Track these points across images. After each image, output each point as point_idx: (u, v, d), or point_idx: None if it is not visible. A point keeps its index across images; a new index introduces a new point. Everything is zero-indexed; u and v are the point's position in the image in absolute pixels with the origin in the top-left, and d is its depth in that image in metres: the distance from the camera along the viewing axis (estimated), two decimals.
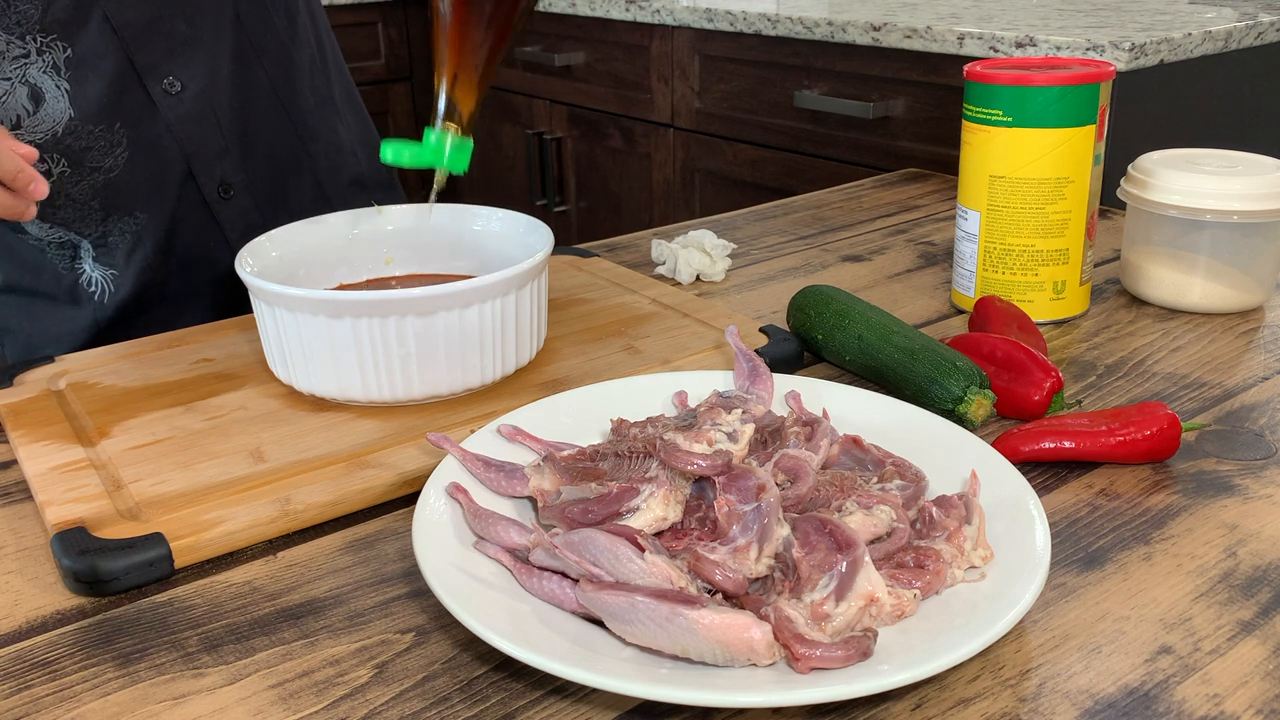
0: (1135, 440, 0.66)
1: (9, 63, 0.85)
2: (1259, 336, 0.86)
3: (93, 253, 0.96)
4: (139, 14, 0.90)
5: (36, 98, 0.86)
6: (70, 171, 0.90)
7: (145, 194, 0.95)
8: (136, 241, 0.96)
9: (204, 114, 0.96)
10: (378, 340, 0.70)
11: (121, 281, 0.97)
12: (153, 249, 0.97)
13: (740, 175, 2.00)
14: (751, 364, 0.70)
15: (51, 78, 0.86)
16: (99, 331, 1.00)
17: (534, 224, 0.82)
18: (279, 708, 0.49)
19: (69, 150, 0.89)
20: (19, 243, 0.97)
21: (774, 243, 1.12)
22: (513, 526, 0.55)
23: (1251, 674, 0.50)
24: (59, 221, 0.93)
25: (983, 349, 0.75)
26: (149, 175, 0.94)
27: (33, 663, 0.52)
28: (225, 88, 0.97)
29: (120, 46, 0.89)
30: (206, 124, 0.96)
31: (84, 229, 0.95)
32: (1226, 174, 0.87)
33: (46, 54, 0.86)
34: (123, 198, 0.94)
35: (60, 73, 0.87)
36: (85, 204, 0.92)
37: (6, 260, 1.00)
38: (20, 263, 0.99)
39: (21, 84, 0.85)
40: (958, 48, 1.54)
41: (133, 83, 0.91)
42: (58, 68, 0.86)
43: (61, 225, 0.94)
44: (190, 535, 0.59)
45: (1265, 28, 1.61)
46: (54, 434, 0.70)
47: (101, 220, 0.94)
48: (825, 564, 0.50)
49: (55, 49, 0.86)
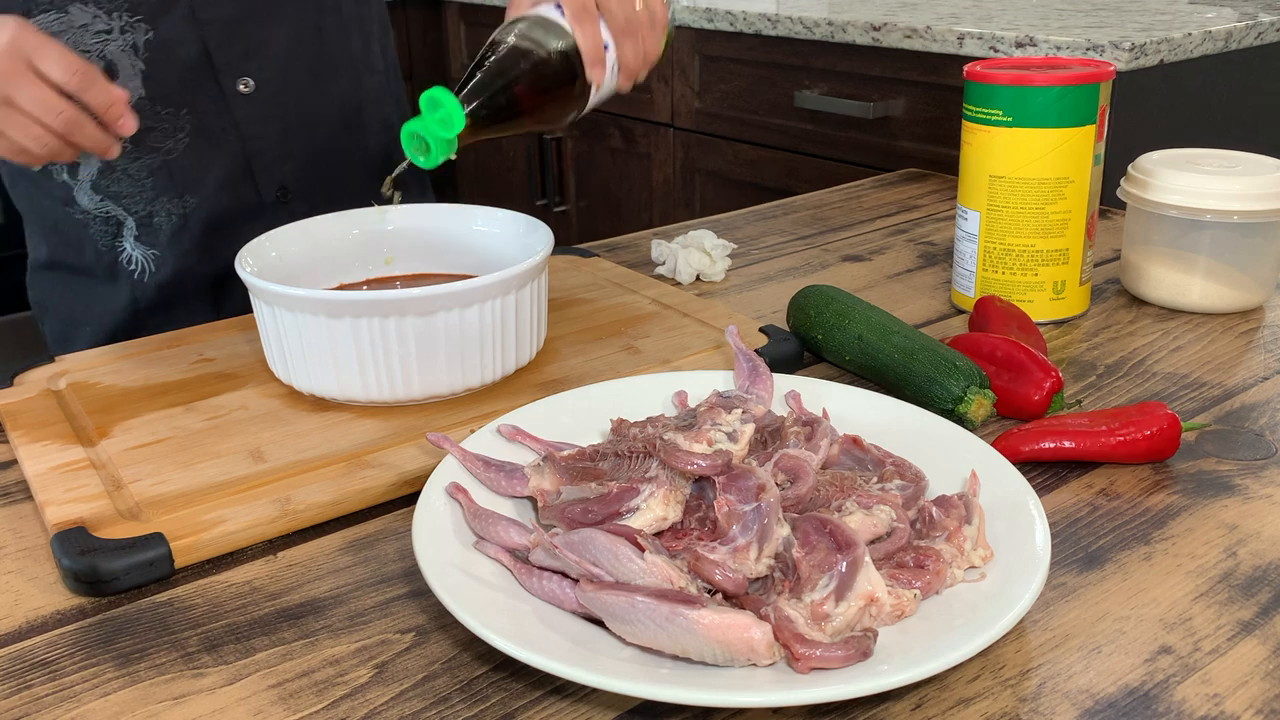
0: (1135, 440, 0.66)
1: (91, 36, 0.87)
2: (1259, 336, 0.86)
3: (135, 231, 0.97)
4: (225, 11, 0.93)
5: (111, 72, 0.88)
6: (131, 148, 0.93)
7: (200, 181, 0.96)
8: (183, 225, 0.97)
9: (272, 117, 0.98)
10: (378, 340, 0.70)
11: (163, 262, 0.98)
12: (199, 235, 0.98)
13: (740, 175, 2.00)
14: (751, 364, 0.70)
15: (129, 56, 0.89)
16: (137, 312, 1.01)
17: (534, 224, 0.82)
18: (279, 708, 0.49)
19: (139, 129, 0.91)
20: (65, 216, 0.98)
21: (774, 243, 1.12)
22: (513, 526, 0.55)
23: (1251, 674, 0.50)
24: (110, 194, 0.95)
25: (983, 349, 0.75)
26: (207, 165, 0.96)
27: (33, 662, 0.52)
28: (297, 96, 0.99)
29: (201, 39, 0.92)
30: (273, 127, 0.98)
31: (132, 205, 0.96)
32: (1226, 174, 0.87)
33: (129, 33, 0.89)
34: (176, 180, 0.95)
35: (138, 52, 0.90)
36: (139, 180, 0.95)
37: (52, 234, 1.00)
38: (63, 238, 1.00)
39: (99, 58, 0.88)
40: (958, 48, 1.54)
41: (207, 76, 0.93)
42: (136, 47, 0.89)
43: (111, 199, 0.95)
44: (190, 535, 0.59)
45: (1265, 28, 1.61)
46: (54, 434, 0.70)
47: (151, 199, 0.96)
48: (825, 564, 0.50)
49: (138, 29, 0.89)
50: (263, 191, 1.00)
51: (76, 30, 0.87)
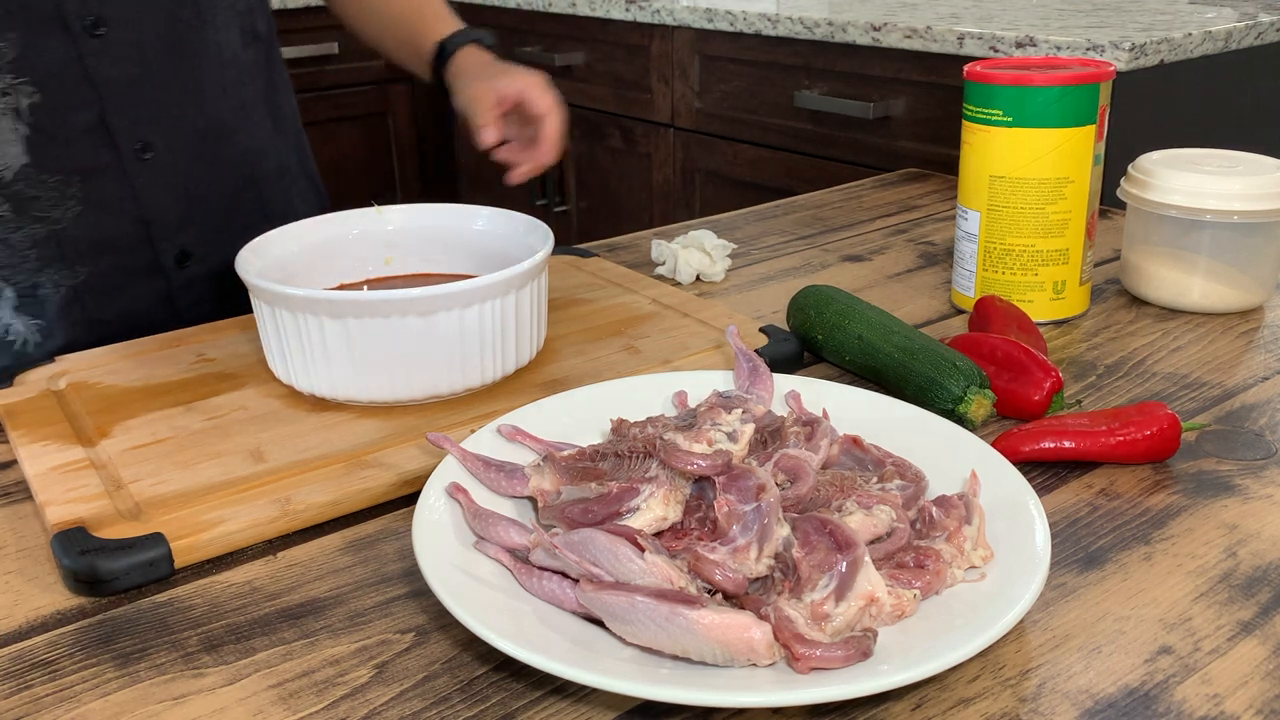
0: (1135, 440, 0.66)
1: None
2: (1259, 336, 0.86)
3: (15, 301, 0.89)
4: (124, 72, 0.87)
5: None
6: (12, 217, 0.86)
7: (93, 251, 0.90)
8: (74, 297, 0.91)
9: (173, 183, 0.93)
10: (378, 340, 0.70)
11: (51, 334, 0.91)
12: (93, 306, 0.92)
13: (740, 175, 2.00)
14: (751, 364, 0.70)
15: (9, 119, 0.83)
16: None
17: (534, 224, 0.82)
18: (279, 708, 0.49)
19: (15, 195, 0.86)
20: None
21: (774, 243, 1.12)
22: (513, 526, 0.55)
23: (1251, 674, 0.50)
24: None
25: (982, 349, 0.75)
26: (101, 233, 0.90)
27: (33, 662, 0.52)
28: (196, 158, 0.94)
29: (99, 101, 0.86)
30: (173, 193, 0.93)
31: (14, 276, 0.89)
32: (1226, 174, 0.87)
33: (10, 95, 0.83)
34: (65, 251, 0.89)
35: (21, 116, 0.84)
36: (21, 251, 0.87)
37: None
38: None
39: None
40: (958, 48, 1.54)
41: (103, 141, 0.88)
42: (19, 111, 0.83)
43: None
44: (190, 535, 0.59)
45: (1265, 28, 1.61)
46: (54, 434, 0.70)
47: (36, 271, 0.89)
48: (825, 564, 0.50)
49: (21, 91, 0.83)
50: (161, 257, 0.94)
51: None
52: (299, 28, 2.49)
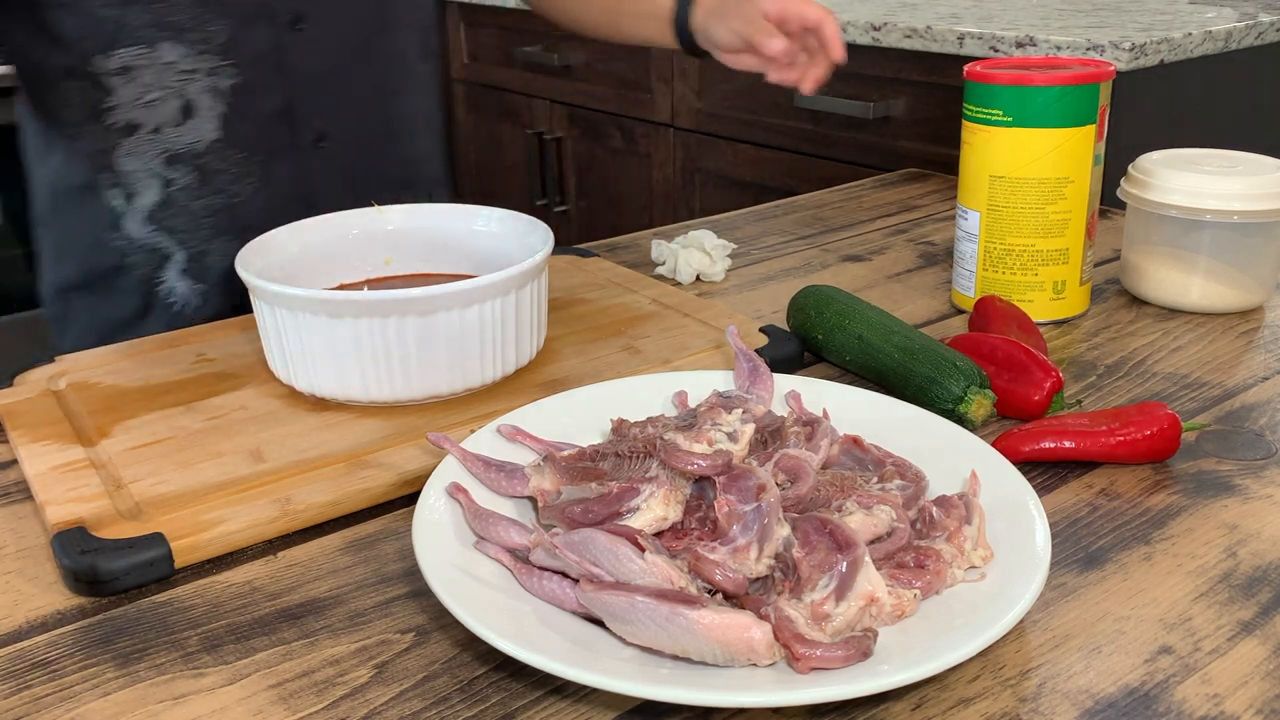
0: (1135, 440, 0.66)
1: (174, 74, 0.88)
2: (1259, 336, 0.86)
3: (183, 265, 0.96)
4: (312, 65, 0.95)
5: (187, 111, 0.90)
6: (196, 186, 0.93)
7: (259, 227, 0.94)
8: None
9: (340, 173, 1.00)
10: (378, 340, 0.70)
11: (208, 300, 0.98)
12: None
13: (740, 175, 2.00)
14: (751, 364, 0.70)
15: (209, 97, 0.90)
16: None
17: (534, 224, 0.82)
18: (279, 708, 0.49)
19: (203, 167, 0.93)
20: (101, 241, 0.96)
21: (774, 243, 1.12)
22: (513, 526, 0.55)
23: (1252, 674, 0.50)
24: (164, 227, 0.95)
25: (983, 349, 0.75)
26: (269, 212, 0.95)
27: (33, 662, 0.52)
28: (364, 155, 1.01)
29: (286, 91, 0.94)
30: (339, 183, 1.00)
31: (187, 241, 0.96)
32: (1226, 174, 0.87)
33: (214, 76, 0.90)
34: (237, 224, 0.96)
35: (220, 96, 0.91)
36: (198, 218, 0.94)
37: (82, 257, 0.98)
38: (95, 263, 0.98)
39: (177, 97, 0.89)
40: (958, 48, 1.54)
41: (285, 125, 0.95)
42: (219, 91, 0.91)
43: (165, 231, 0.95)
44: (190, 535, 0.59)
45: (1265, 28, 1.61)
46: (54, 434, 0.70)
47: (208, 239, 0.96)
48: (825, 564, 0.50)
49: (224, 73, 0.90)
50: None
51: (160, 67, 0.88)
52: None
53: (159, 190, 0.93)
